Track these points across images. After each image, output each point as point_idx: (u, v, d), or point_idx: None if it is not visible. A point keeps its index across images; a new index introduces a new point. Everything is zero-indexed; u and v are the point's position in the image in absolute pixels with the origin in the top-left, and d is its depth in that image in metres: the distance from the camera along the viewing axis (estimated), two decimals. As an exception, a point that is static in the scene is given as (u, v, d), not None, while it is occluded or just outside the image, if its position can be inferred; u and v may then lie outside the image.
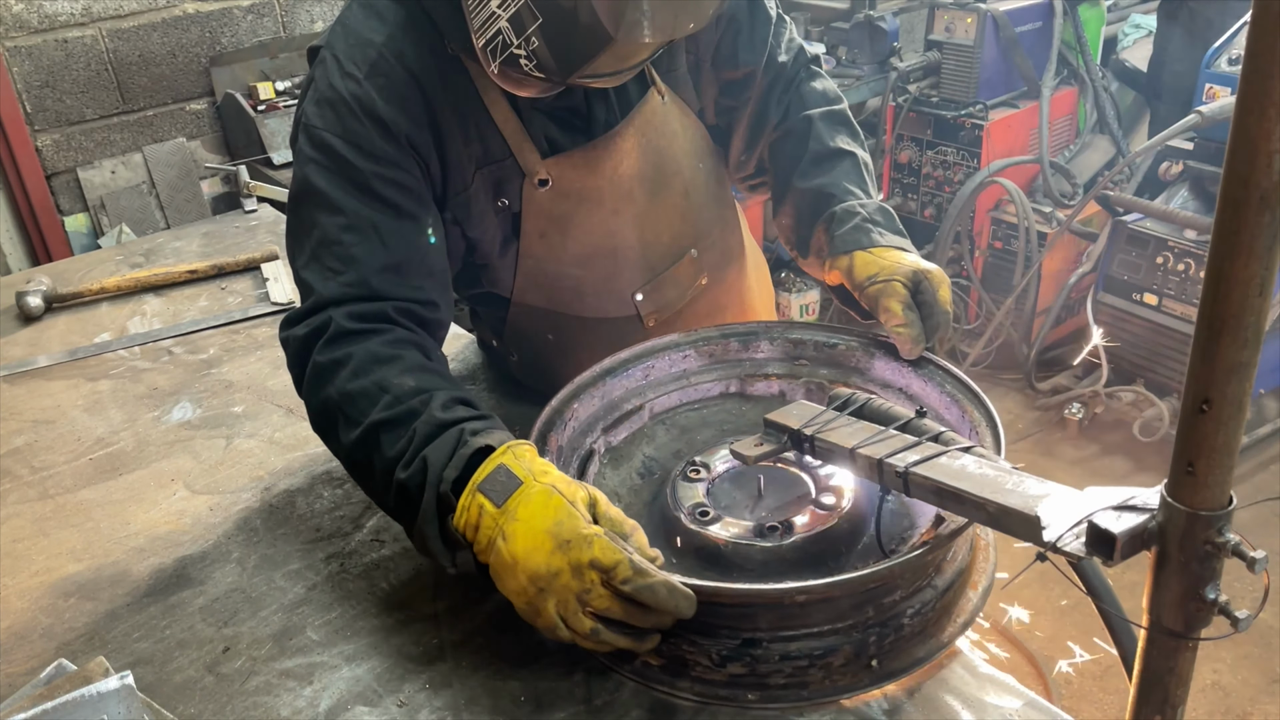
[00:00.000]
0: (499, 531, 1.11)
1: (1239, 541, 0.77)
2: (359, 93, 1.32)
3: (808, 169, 1.54)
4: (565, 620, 1.08)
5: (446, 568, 1.18)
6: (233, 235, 2.58)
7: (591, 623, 1.07)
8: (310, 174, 1.34)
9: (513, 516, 1.10)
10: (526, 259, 1.50)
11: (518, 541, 1.09)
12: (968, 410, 1.31)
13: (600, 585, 1.06)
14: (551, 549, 1.07)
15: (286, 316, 1.36)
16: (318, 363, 1.28)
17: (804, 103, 1.59)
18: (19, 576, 1.42)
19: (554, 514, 1.09)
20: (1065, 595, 3.09)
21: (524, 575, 1.08)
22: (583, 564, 1.06)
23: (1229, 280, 0.69)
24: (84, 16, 3.68)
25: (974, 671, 1.13)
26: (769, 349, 1.52)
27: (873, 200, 1.50)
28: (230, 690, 1.19)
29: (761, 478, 1.29)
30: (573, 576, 1.06)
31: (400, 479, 1.18)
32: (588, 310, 1.58)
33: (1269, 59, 0.63)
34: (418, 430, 1.20)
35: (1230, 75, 3.33)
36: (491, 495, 1.12)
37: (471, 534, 1.13)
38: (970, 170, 4.00)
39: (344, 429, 1.25)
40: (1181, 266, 3.41)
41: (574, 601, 1.07)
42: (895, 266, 1.38)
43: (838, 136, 1.57)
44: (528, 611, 1.10)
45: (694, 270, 1.65)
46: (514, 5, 1.15)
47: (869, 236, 1.42)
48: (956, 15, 3.97)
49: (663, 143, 1.51)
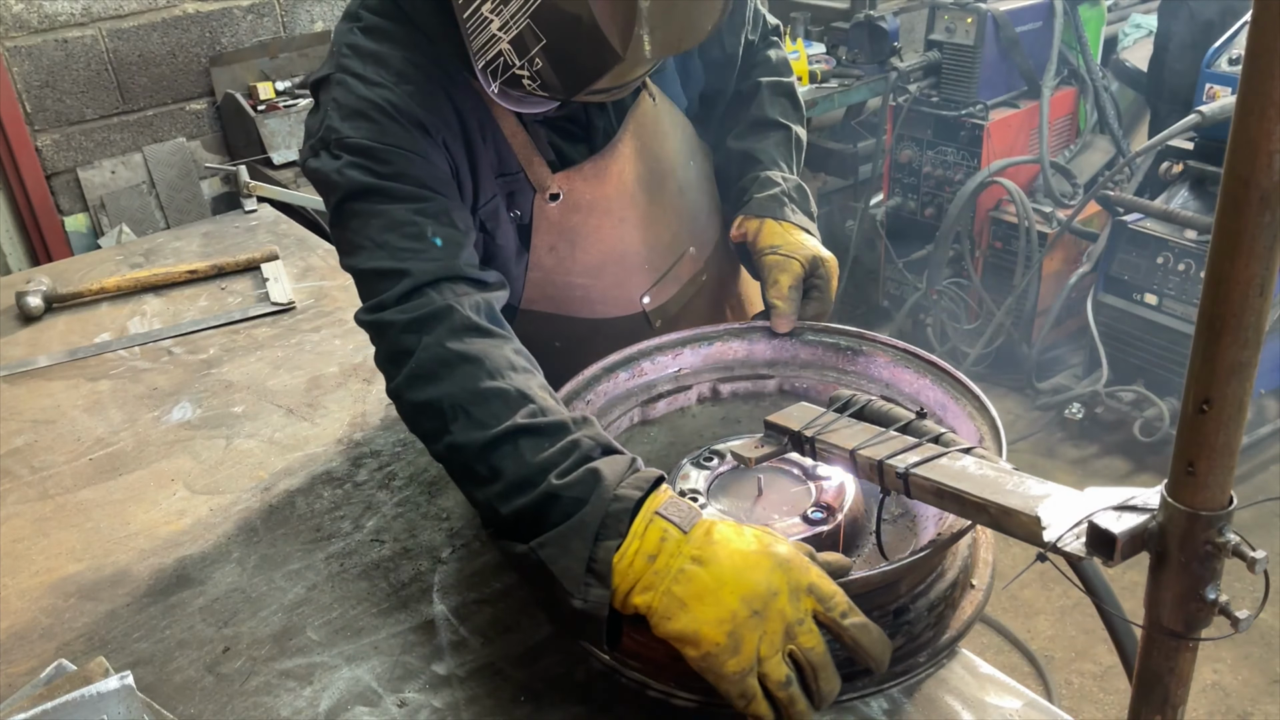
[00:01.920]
0: (689, 558, 0.99)
1: (1239, 541, 0.77)
2: (392, 98, 1.28)
3: (743, 132, 1.65)
4: (762, 662, 0.95)
5: (573, 597, 1.01)
6: (233, 235, 2.58)
7: (789, 669, 0.96)
8: (355, 176, 1.25)
9: (708, 541, 1.00)
10: (535, 271, 1.50)
11: (725, 562, 0.98)
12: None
13: (812, 618, 0.97)
14: (771, 566, 0.97)
15: (368, 304, 1.24)
16: (440, 354, 1.17)
17: (759, 69, 1.69)
18: (19, 576, 1.42)
19: (759, 539, 1.00)
20: (1065, 595, 3.09)
21: (735, 596, 0.96)
22: (802, 587, 0.97)
23: (1229, 280, 0.69)
24: (84, 16, 3.69)
25: (974, 671, 1.13)
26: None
27: (793, 177, 1.60)
28: (230, 690, 1.19)
29: (762, 479, 1.29)
30: (790, 600, 0.96)
31: (555, 485, 1.05)
32: (596, 315, 1.58)
33: (1269, 59, 0.63)
34: (581, 443, 1.10)
35: (1230, 75, 3.33)
36: (675, 520, 1.01)
37: (644, 564, 1.00)
38: (970, 170, 4.00)
39: (465, 428, 1.14)
40: (1182, 266, 3.41)
41: (781, 636, 0.95)
42: (798, 246, 1.48)
43: (778, 107, 1.66)
44: (723, 648, 0.95)
45: (694, 267, 1.66)
46: (516, 27, 1.13)
47: (782, 210, 1.52)
48: (956, 15, 3.96)
49: (656, 144, 1.52)
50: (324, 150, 1.29)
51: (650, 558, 1.00)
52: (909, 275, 4.28)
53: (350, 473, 1.59)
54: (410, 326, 1.19)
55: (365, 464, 1.61)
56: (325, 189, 1.30)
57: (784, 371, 1.52)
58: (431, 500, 1.51)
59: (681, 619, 0.97)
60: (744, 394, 1.52)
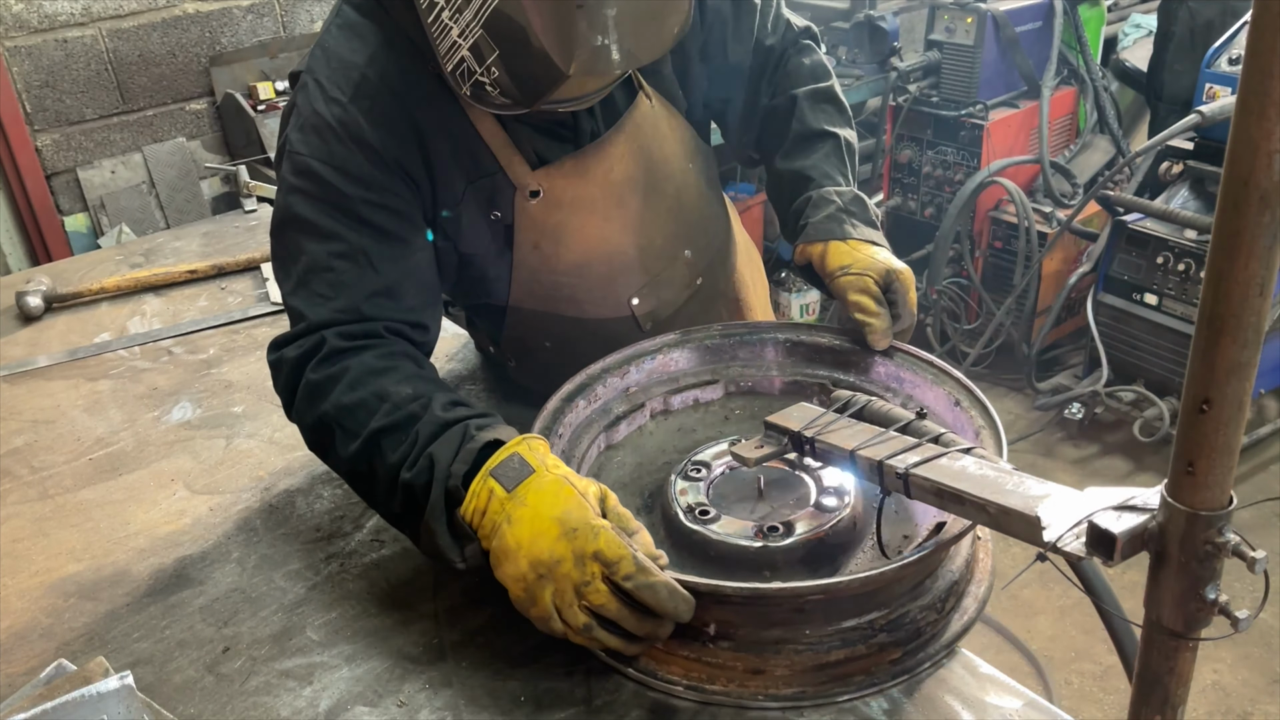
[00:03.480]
0: (505, 516, 1.11)
1: (1239, 541, 0.77)
2: (344, 117, 1.31)
3: (790, 149, 1.57)
4: (559, 611, 1.08)
5: (455, 563, 1.16)
6: (233, 235, 2.58)
7: (586, 618, 1.07)
8: (295, 202, 1.33)
9: (521, 502, 1.11)
10: (521, 269, 1.50)
11: (524, 526, 1.09)
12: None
13: (600, 579, 1.06)
14: (557, 535, 1.07)
15: (274, 340, 1.35)
16: (311, 380, 1.28)
17: (791, 80, 1.61)
18: (19, 576, 1.42)
19: (564, 503, 1.09)
20: (1065, 595, 3.09)
21: (525, 560, 1.08)
22: (586, 554, 1.06)
23: (1229, 280, 0.69)
24: (84, 16, 3.69)
25: (974, 671, 1.13)
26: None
27: (849, 188, 1.52)
28: (230, 690, 1.19)
29: (761, 478, 1.29)
30: (574, 566, 1.06)
31: (406, 479, 1.18)
32: (584, 315, 1.58)
33: (1269, 59, 0.63)
34: (420, 431, 1.20)
35: (1230, 75, 3.33)
36: (503, 481, 1.12)
37: (478, 520, 1.13)
38: (970, 170, 4.00)
39: (342, 441, 1.25)
40: (1182, 266, 3.41)
41: (571, 593, 1.06)
42: (869, 262, 1.42)
43: (822, 116, 1.58)
44: (524, 600, 1.10)
45: (689, 272, 1.65)
46: (472, 36, 1.13)
47: (842, 227, 1.45)
48: (956, 15, 3.97)
49: (653, 146, 1.51)
50: (282, 157, 1.36)
51: (481, 513, 1.13)
52: (909, 275, 4.28)
53: (350, 473, 1.59)
54: (297, 362, 1.30)
55: (365, 464, 1.61)
56: (275, 199, 1.38)
57: (726, 374, 1.52)
58: (431, 500, 1.50)
59: (498, 570, 1.12)
60: (692, 404, 1.51)
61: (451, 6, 1.13)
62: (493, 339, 1.68)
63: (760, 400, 1.51)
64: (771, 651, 1.09)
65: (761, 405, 1.50)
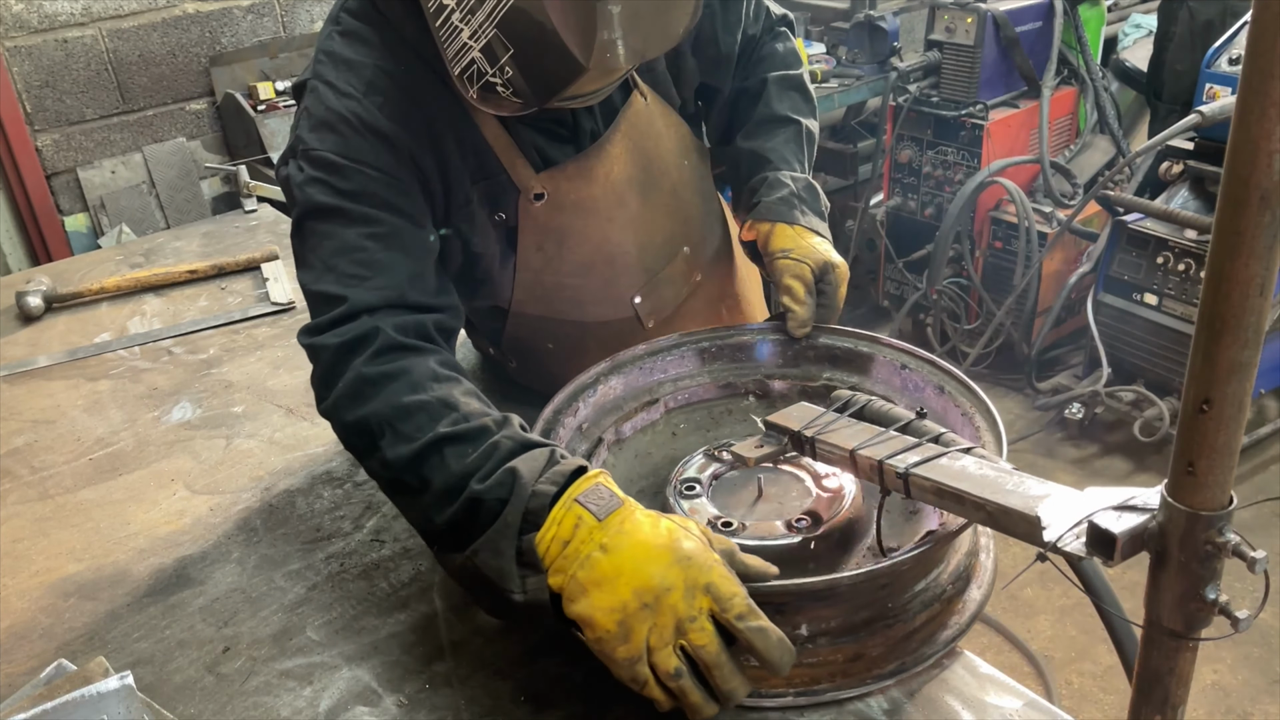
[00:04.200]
0: (597, 544, 1.01)
1: (1239, 541, 0.77)
2: (359, 110, 1.29)
3: (752, 130, 1.62)
4: (650, 653, 0.98)
5: (511, 592, 1.04)
6: (233, 235, 2.59)
7: (679, 661, 0.97)
8: (316, 193, 1.27)
9: (618, 530, 1.02)
10: (524, 272, 1.50)
11: (626, 554, 1.00)
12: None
13: (706, 617, 0.97)
14: (670, 561, 0.99)
15: (308, 325, 1.27)
16: (365, 374, 1.19)
17: (764, 64, 1.66)
18: (19, 576, 1.42)
19: (670, 533, 1.01)
20: (1065, 595, 3.09)
21: (628, 587, 0.98)
22: (698, 586, 0.98)
23: (1229, 280, 0.69)
24: (84, 16, 3.69)
25: (974, 671, 1.13)
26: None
27: (803, 175, 1.57)
28: (230, 690, 1.19)
29: (760, 479, 1.29)
30: (684, 597, 0.97)
31: (476, 490, 1.08)
32: (587, 316, 1.58)
33: (1269, 59, 0.63)
34: (500, 445, 1.11)
35: (1230, 75, 3.33)
36: (592, 509, 1.03)
37: (558, 549, 1.03)
38: (970, 170, 4.00)
39: (392, 443, 1.16)
40: (1182, 266, 3.41)
41: (672, 629, 0.97)
42: (809, 250, 1.47)
43: (787, 102, 1.63)
44: (613, 635, 0.98)
45: (688, 268, 1.66)
46: (484, 37, 1.13)
47: (792, 212, 1.51)
48: (956, 15, 3.97)
49: (649, 144, 1.51)
50: (293, 159, 1.31)
51: (564, 543, 1.03)
52: (909, 275, 4.28)
53: (350, 472, 1.59)
54: (341, 350, 1.21)
55: (365, 464, 1.61)
56: (289, 199, 1.32)
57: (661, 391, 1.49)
58: (431, 500, 1.50)
59: (581, 603, 1.00)
60: (641, 428, 1.47)
61: (463, 8, 1.13)
62: (493, 341, 1.68)
63: (699, 410, 1.50)
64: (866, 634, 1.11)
65: (702, 415, 1.50)
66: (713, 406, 1.51)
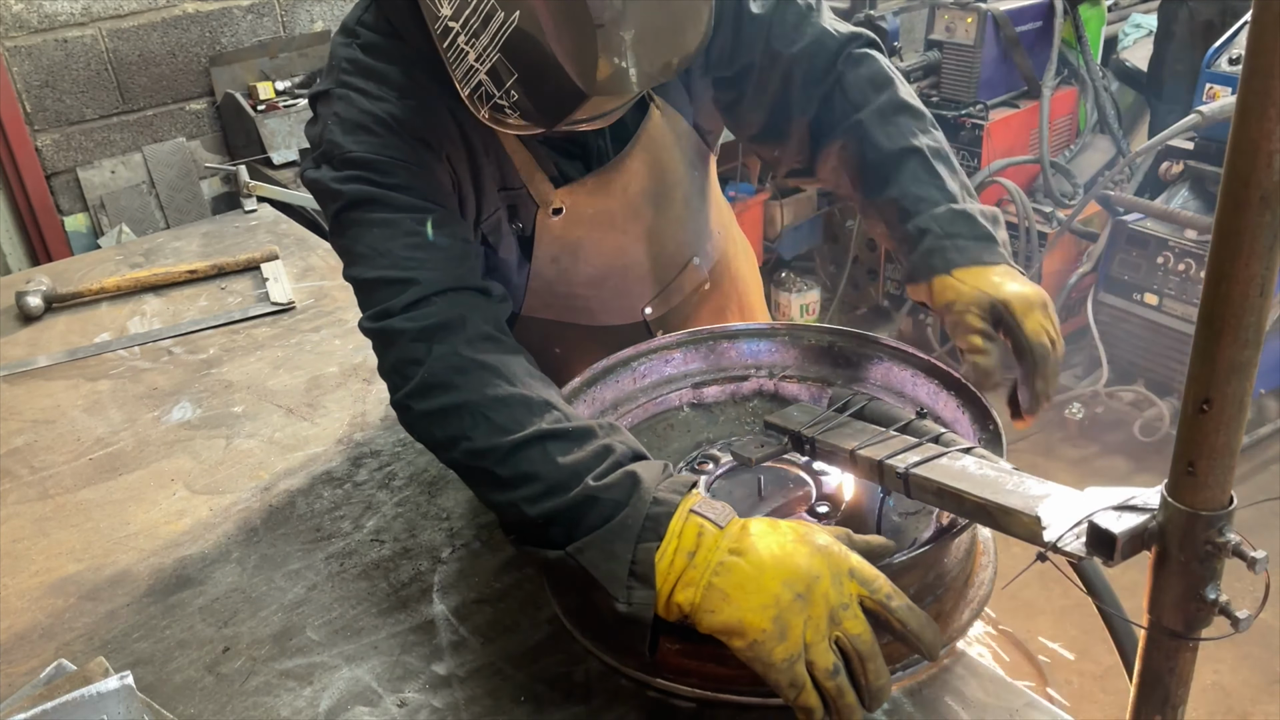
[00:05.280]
0: (727, 551, 0.99)
1: (1239, 541, 0.77)
2: (395, 111, 1.27)
3: (872, 182, 1.38)
4: (809, 649, 0.95)
5: (617, 600, 1.01)
6: (233, 235, 2.58)
7: (835, 657, 0.95)
8: (357, 187, 1.24)
9: (746, 534, 1.00)
10: (537, 280, 1.50)
11: (764, 551, 0.98)
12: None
13: (857, 604, 0.96)
14: (810, 551, 0.97)
15: (374, 311, 1.23)
16: (465, 358, 1.17)
17: (848, 99, 1.41)
18: (19, 576, 1.42)
19: (795, 529, 1.00)
20: (1065, 595, 3.09)
21: (777, 581, 0.95)
22: (843, 571, 0.96)
23: (1229, 280, 0.69)
24: (84, 16, 3.68)
25: (974, 671, 1.13)
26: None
27: (945, 206, 1.30)
28: (230, 690, 1.19)
29: (762, 478, 1.29)
30: (833, 584, 0.95)
31: (593, 487, 1.05)
32: (596, 324, 1.59)
33: (1269, 59, 0.63)
34: (615, 448, 1.10)
35: (1230, 75, 3.33)
36: (711, 518, 1.02)
37: (684, 561, 1.00)
38: (970, 170, 4.00)
39: (487, 434, 1.13)
40: (1182, 266, 3.41)
41: (827, 621, 0.95)
42: (972, 295, 1.23)
43: (894, 133, 1.38)
44: (769, 635, 0.94)
45: (697, 277, 1.66)
46: (489, 60, 1.12)
47: (943, 258, 1.26)
48: (956, 15, 3.97)
49: (664, 156, 1.51)
50: (325, 164, 1.28)
51: (690, 554, 1.00)
52: (909, 275, 4.28)
53: (350, 473, 1.59)
54: (420, 335, 1.18)
55: (365, 464, 1.61)
56: (325, 199, 1.29)
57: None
58: (431, 500, 1.50)
59: (725, 610, 0.97)
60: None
61: (467, 31, 1.12)
62: None
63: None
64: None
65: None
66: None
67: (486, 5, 1.08)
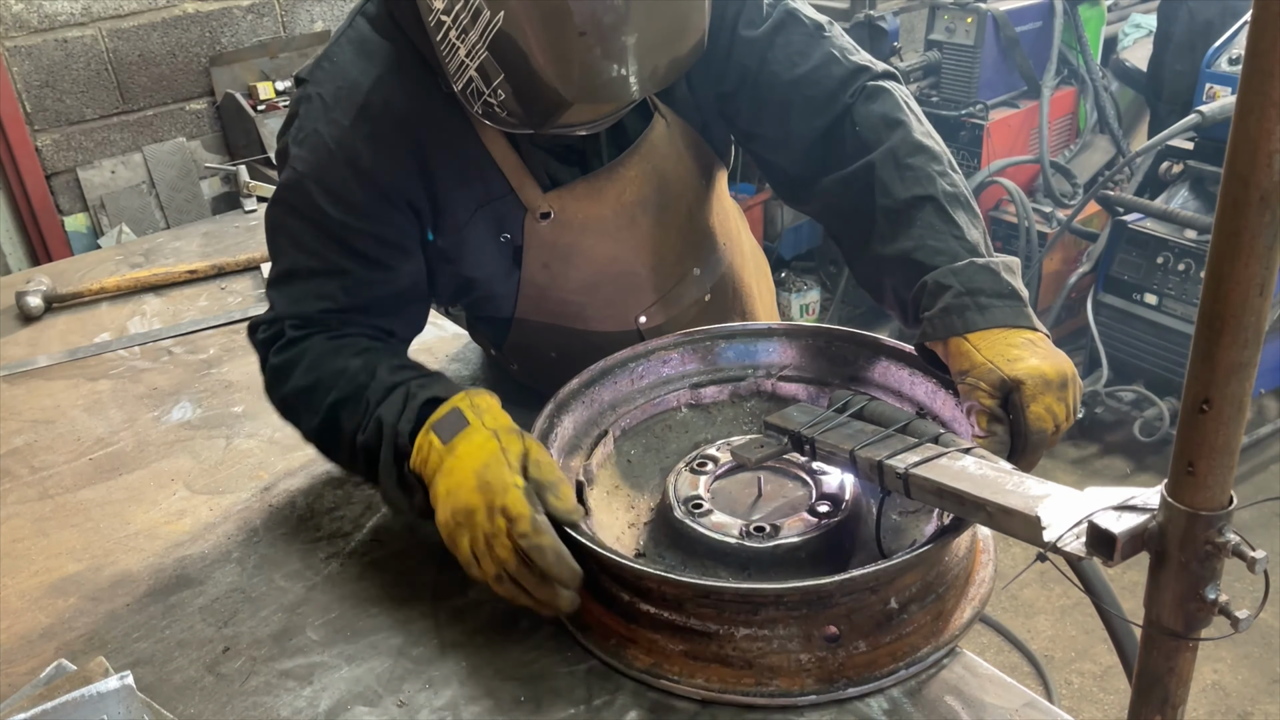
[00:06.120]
0: (437, 467, 1.19)
1: (1239, 541, 0.77)
2: (343, 140, 1.31)
3: (885, 231, 1.29)
4: (478, 559, 1.14)
5: (407, 513, 1.26)
6: (233, 235, 2.59)
7: (496, 568, 1.13)
8: (283, 213, 1.38)
9: (452, 453, 1.18)
10: (528, 287, 1.50)
11: (450, 477, 1.17)
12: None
13: (504, 534, 1.11)
14: (474, 487, 1.14)
15: (252, 321, 1.43)
16: (274, 364, 1.38)
17: (859, 137, 1.34)
18: (19, 576, 1.42)
19: (484, 457, 1.15)
20: (1065, 595, 3.09)
21: (448, 509, 1.16)
22: (495, 507, 1.12)
23: (1229, 280, 0.69)
24: (84, 16, 3.68)
25: (974, 671, 1.13)
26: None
27: (967, 260, 1.22)
28: (230, 690, 1.19)
29: (761, 478, 1.29)
30: (485, 517, 1.12)
31: (360, 442, 1.27)
32: (590, 329, 1.58)
33: (1269, 59, 0.63)
34: (369, 398, 1.28)
35: (1230, 75, 3.33)
36: (441, 434, 1.19)
37: (422, 470, 1.21)
38: (970, 170, 4.00)
39: (307, 418, 1.37)
40: (1182, 266, 3.41)
41: (484, 542, 1.13)
42: (985, 370, 1.16)
43: (909, 178, 1.30)
44: (449, 544, 1.18)
45: (697, 288, 1.64)
46: (478, 57, 1.12)
47: (962, 318, 1.19)
48: (956, 15, 3.97)
49: (667, 166, 1.48)
50: (286, 164, 1.38)
51: (424, 463, 1.21)
52: (909, 275, 4.27)
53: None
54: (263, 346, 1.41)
55: (365, 464, 1.61)
56: (278, 184, 1.40)
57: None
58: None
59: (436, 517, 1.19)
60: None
61: (458, 27, 1.12)
62: (495, 343, 1.68)
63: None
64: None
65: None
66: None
67: (475, 1, 1.08)
